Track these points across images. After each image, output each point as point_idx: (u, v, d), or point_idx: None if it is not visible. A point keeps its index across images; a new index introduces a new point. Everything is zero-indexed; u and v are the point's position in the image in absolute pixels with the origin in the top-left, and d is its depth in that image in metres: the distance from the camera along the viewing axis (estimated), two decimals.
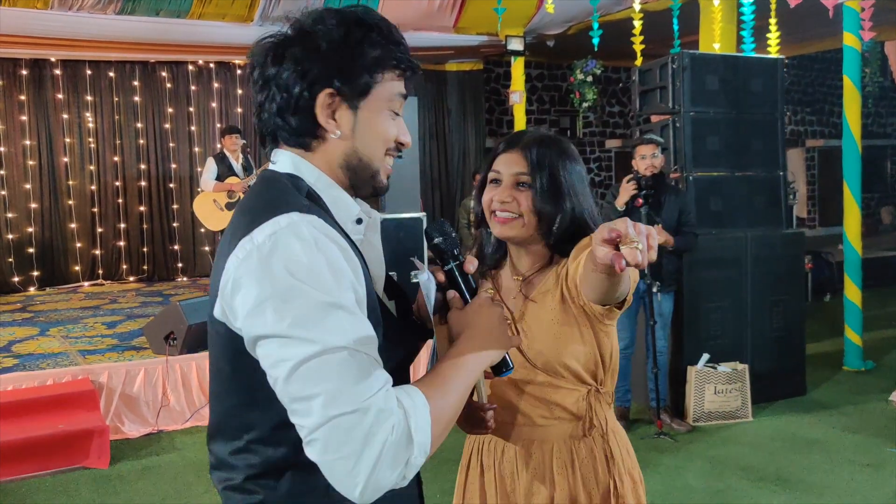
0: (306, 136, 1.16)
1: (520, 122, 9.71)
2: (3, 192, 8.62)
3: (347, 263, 1.06)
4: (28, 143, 8.71)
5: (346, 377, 0.98)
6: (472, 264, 1.26)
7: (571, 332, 1.56)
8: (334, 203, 1.17)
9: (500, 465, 1.63)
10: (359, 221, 1.21)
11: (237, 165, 7.40)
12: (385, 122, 1.18)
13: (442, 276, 1.28)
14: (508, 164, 1.60)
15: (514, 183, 1.59)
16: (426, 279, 1.25)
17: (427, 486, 1.37)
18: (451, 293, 1.25)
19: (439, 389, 1.09)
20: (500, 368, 1.27)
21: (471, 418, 1.51)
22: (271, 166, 1.20)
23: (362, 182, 1.19)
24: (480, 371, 1.18)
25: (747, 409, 4.92)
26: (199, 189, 7.56)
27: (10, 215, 8.63)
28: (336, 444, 0.96)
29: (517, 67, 9.56)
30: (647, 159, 4.63)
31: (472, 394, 1.55)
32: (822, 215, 15.04)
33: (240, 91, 9.70)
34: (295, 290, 0.99)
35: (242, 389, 1.12)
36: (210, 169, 7.35)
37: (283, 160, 1.18)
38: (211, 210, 7.26)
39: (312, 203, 1.12)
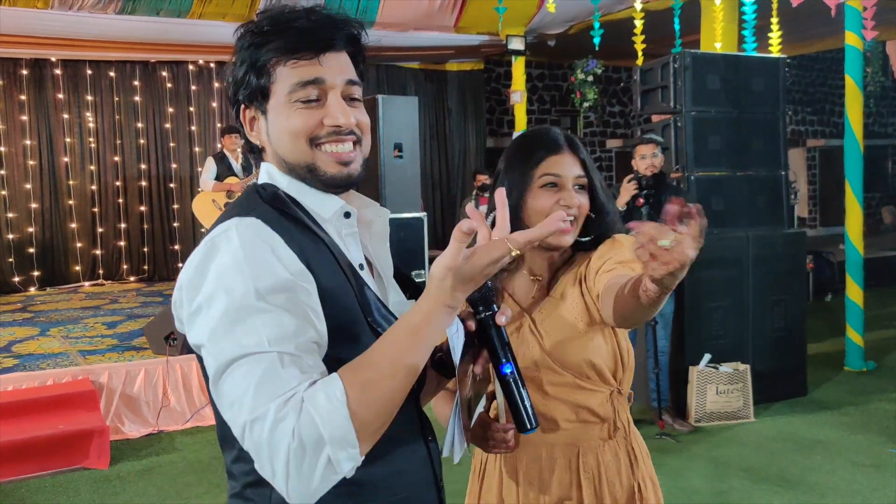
0: (257, 150, 1.19)
1: (520, 122, 9.70)
2: (3, 192, 8.61)
3: (284, 266, 1.02)
4: (29, 142, 8.71)
5: (249, 384, 0.96)
6: (504, 315, 1.14)
7: (595, 330, 1.54)
8: (308, 204, 1.15)
9: (524, 472, 1.58)
10: (347, 215, 1.18)
11: (237, 165, 7.39)
12: (289, 117, 1.12)
13: (472, 326, 1.16)
14: (568, 167, 1.54)
15: (576, 185, 1.55)
16: (454, 331, 1.15)
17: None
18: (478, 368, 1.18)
19: (364, 378, 0.98)
20: (523, 425, 1.16)
21: (490, 438, 1.46)
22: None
23: (308, 179, 1.14)
24: (421, 338, 1.00)
25: (749, 409, 4.91)
26: (199, 189, 7.55)
27: (10, 215, 8.63)
28: (255, 453, 0.96)
29: (518, 67, 9.56)
30: (647, 159, 4.63)
31: (491, 412, 1.52)
32: (823, 215, 15.04)
33: None
34: (216, 298, 1.00)
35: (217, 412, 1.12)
36: (209, 169, 7.34)
37: (262, 171, 1.20)
38: (210, 210, 7.25)
39: (276, 205, 1.11)
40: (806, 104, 14.62)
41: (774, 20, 6.63)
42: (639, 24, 6.89)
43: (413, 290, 1.28)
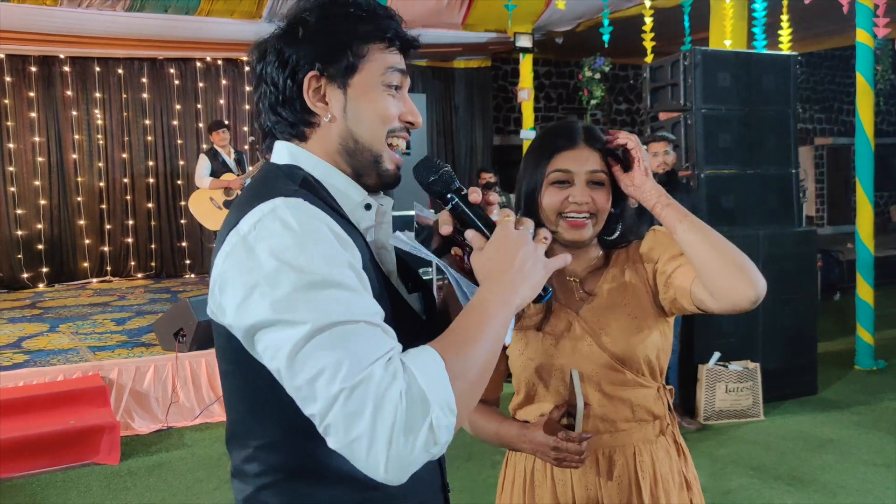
0: (300, 125, 1.12)
1: (527, 120, 9.69)
2: (12, 189, 8.64)
3: (340, 245, 1.00)
4: (37, 139, 8.74)
5: (344, 351, 0.91)
6: (476, 193, 1.10)
7: (649, 325, 1.52)
8: (335, 190, 1.12)
9: (579, 478, 1.53)
10: (367, 207, 1.14)
11: (230, 160, 7.37)
12: (380, 98, 1.11)
13: (448, 226, 1.12)
14: (581, 162, 1.49)
15: (589, 181, 1.49)
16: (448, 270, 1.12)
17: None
18: (470, 233, 1.09)
19: (457, 343, 0.97)
20: (538, 297, 1.10)
21: (563, 450, 1.44)
22: (271, 159, 1.17)
23: (364, 167, 1.12)
24: (511, 315, 1.03)
25: (759, 407, 4.90)
26: (196, 187, 7.55)
27: (19, 211, 8.66)
28: (346, 425, 0.89)
29: (525, 65, 9.55)
30: (659, 157, 4.62)
31: (565, 421, 1.50)
32: (831, 214, 14.99)
33: (248, 88, 9.69)
34: (282, 274, 0.94)
35: (246, 391, 1.07)
36: (203, 165, 7.32)
37: (281, 151, 1.15)
38: (208, 208, 7.23)
39: (307, 189, 1.06)
40: (814, 102, 14.58)
41: (785, 17, 6.60)
42: (648, 21, 6.87)
43: (415, 282, 1.24)
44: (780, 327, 5.23)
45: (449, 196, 1.12)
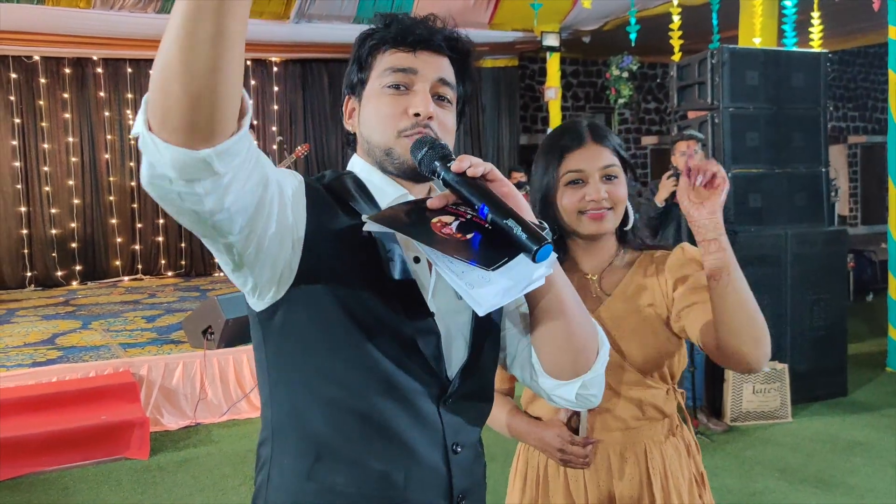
0: (351, 139, 1.26)
1: (555, 119, 9.67)
2: (47, 188, 8.82)
3: (322, 214, 1.07)
4: (71, 140, 8.91)
5: None
6: (459, 161, 1.03)
7: (661, 329, 1.54)
8: (374, 186, 1.18)
9: (592, 474, 1.56)
10: None
11: None
12: (379, 101, 1.16)
13: (440, 200, 1.04)
14: (592, 160, 1.52)
15: (603, 177, 1.53)
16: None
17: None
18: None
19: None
20: (530, 249, 0.97)
21: (569, 452, 1.48)
22: None
23: (385, 164, 1.16)
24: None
25: (786, 409, 4.84)
26: None
27: (53, 210, 8.84)
28: None
29: (552, 64, 9.52)
30: (686, 155, 4.58)
31: (571, 424, 1.52)
32: (865, 213, 14.74)
33: (276, 88, 9.79)
34: None
35: (259, 362, 1.17)
36: None
37: (350, 162, 1.27)
38: None
39: (337, 185, 1.16)
40: (847, 100, 14.35)
41: (815, 14, 6.51)
42: (676, 19, 6.81)
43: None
44: (809, 328, 5.17)
45: (437, 169, 1.06)
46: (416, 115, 1.13)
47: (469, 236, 1.00)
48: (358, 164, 1.22)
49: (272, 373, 1.13)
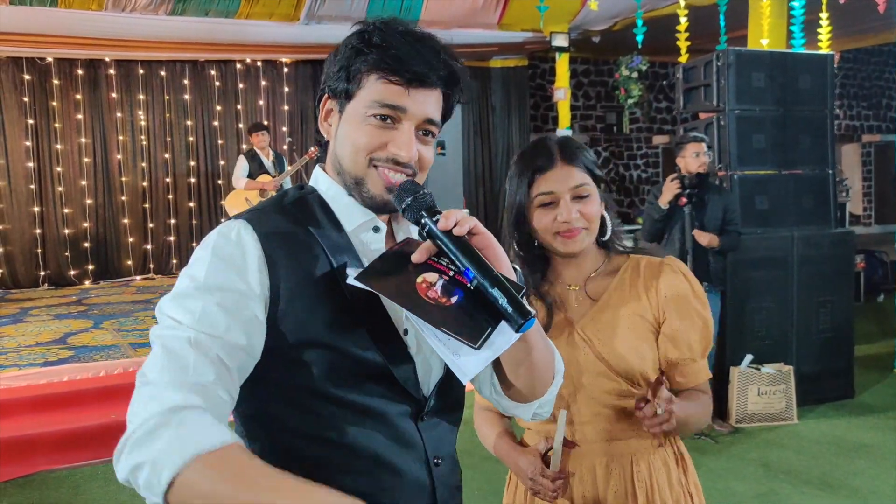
0: (324, 141, 1.21)
1: (564, 119, 9.66)
2: (60, 189, 8.91)
3: (265, 277, 1.04)
4: (84, 140, 8.99)
5: (155, 355, 0.99)
6: (446, 219, 1.04)
7: (646, 338, 1.55)
8: (340, 210, 1.16)
9: (578, 484, 1.56)
10: (376, 230, 1.16)
11: (268, 162, 7.49)
12: (360, 127, 1.12)
13: (422, 253, 1.06)
14: (562, 181, 1.51)
15: (574, 197, 1.52)
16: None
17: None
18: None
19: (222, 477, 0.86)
20: (516, 320, 1.01)
21: (539, 485, 1.49)
22: None
23: (351, 188, 1.15)
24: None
25: (792, 411, 4.84)
26: (232, 187, 7.69)
27: (66, 210, 8.93)
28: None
29: (562, 64, 9.51)
30: (700, 157, 4.57)
31: (546, 456, 1.53)
32: (878, 212, 14.63)
33: (286, 89, 9.85)
34: (182, 274, 1.06)
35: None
36: (241, 167, 7.45)
37: (313, 175, 1.23)
38: (242, 208, 7.35)
39: (296, 210, 1.13)
40: (861, 99, 14.24)
41: (824, 15, 6.48)
42: (683, 20, 6.80)
43: None
44: (816, 330, 5.16)
45: (423, 221, 1.06)
46: (396, 158, 1.11)
47: (454, 300, 1.03)
48: (323, 182, 1.19)
49: (245, 409, 1.11)
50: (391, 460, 1.11)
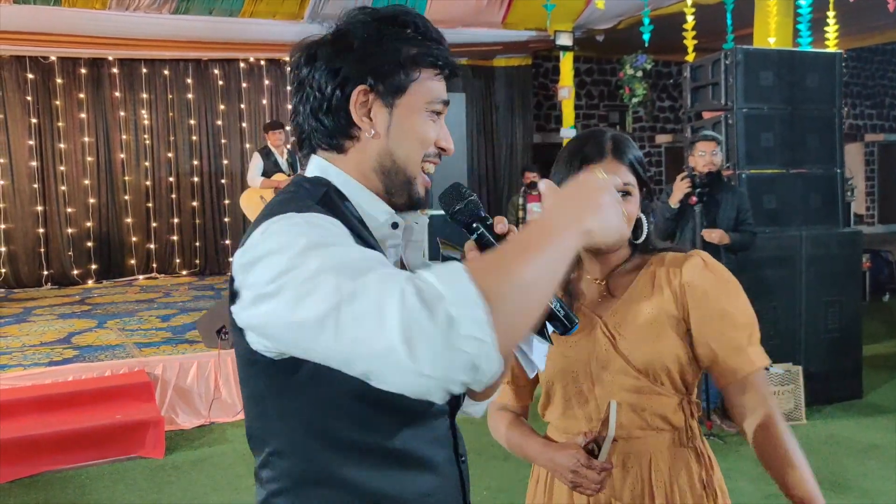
0: (340, 136, 1.11)
1: (568, 118, 9.64)
2: (63, 188, 8.89)
3: (357, 239, 1.02)
4: (87, 139, 8.98)
5: (341, 275, 0.87)
6: (502, 224, 1.07)
7: (669, 334, 1.51)
8: (361, 206, 1.11)
9: None
10: (394, 226, 1.14)
11: (283, 161, 7.47)
12: (423, 123, 1.11)
13: (476, 253, 1.09)
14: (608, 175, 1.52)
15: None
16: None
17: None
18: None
19: (500, 259, 0.89)
20: (565, 324, 1.12)
21: (582, 476, 1.45)
22: (306, 171, 1.17)
23: (397, 187, 1.12)
24: (576, 240, 0.93)
25: (800, 411, 4.82)
26: (248, 185, 7.70)
27: (69, 210, 8.91)
28: (351, 342, 0.84)
29: (566, 62, 9.50)
30: (707, 156, 4.55)
31: (588, 447, 1.49)
32: (882, 212, 14.61)
33: (290, 88, 9.81)
34: (290, 242, 0.93)
35: (257, 398, 1.09)
36: (256, 165, 7.44)
37: (312, 165, 1.15)
38: (258, 206, 7.37)
39: (326, 204, 1.06)
40: (864, 98, 14.22)
41: (831, 13, 6.45)
42: (690, 19, 6.77)
43: None
44: (824, 329, 5.14)
45: (474, 226, 1.08)
46: (444, 150, 1.15)
47: None
48: (336, 175, 1.12)
49: (291, 421, 1.05)
50: (433, 462, 1.12)
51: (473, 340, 0.81)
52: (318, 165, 1.14)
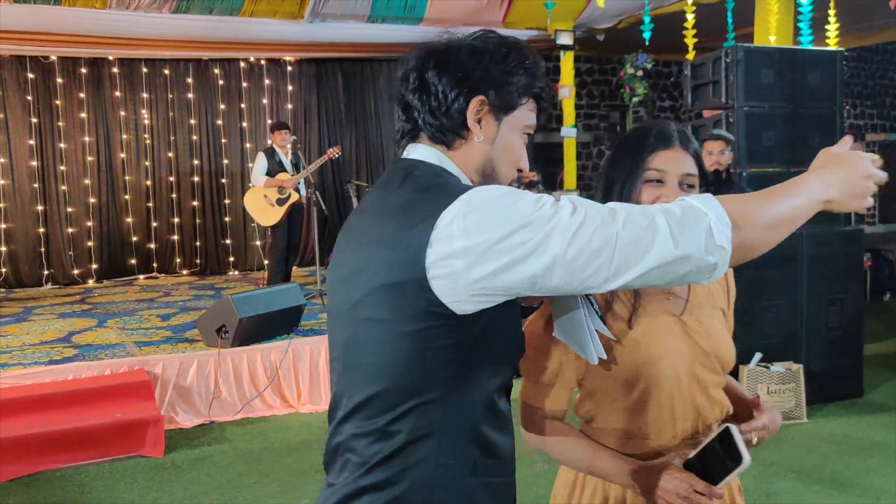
0: (453, 134, 1.26)
1: (569, 117, 9.64)
2: (63, 188, 8.89)
3: None
4: (87, 139, 8.97)
5: (598, 213, 1.10)
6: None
7: (727, 328, 1.60)
8: None
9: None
10: None
11: (287, 161, 7.48)
12: (518, 141, 1.29)
13: None
14: (676, 163, 1.50)
15: (682, 183, 1.51)
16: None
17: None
18: None
19: (753, 197, 1.18)
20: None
21: (685, 497, 1.34)
22: (415, 156, 1.28)
23: None
24: (821, 198, 1.19)
25: (801, 410, 4.81)
26: (250, 184, 7.69)
27: (69, 209, 8.91)
28: (629, 247, 1.08)
29: (566, 62, 9.49)
30: (713, 155, 4.54)
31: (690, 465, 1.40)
32: (883, 211, 14.60)
33: (290, 87, 9.82)
34: (523, 209, 1.10)
35: (427, 352, 1.17)
36: (260, 164, 7.44)
37: (429, 154, 1.27)
38: (262, 206, 7.37)
39: None
40: (865, 97, 14.20)
41: (832, 12, 6.45)
42: (690, 17, 6.77)
43: None
44: (825, 328, 5.13)
45: None
46: (520, 171, 1.32)
47: None
48: (452, 170, 1.27)
49: (446, 373, 1.17)
50: (508, 442, 1.30)
51: (721, 250, 1.09)
52: (434, 155, 1.27)
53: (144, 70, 9.17)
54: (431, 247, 1.11)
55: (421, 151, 1.27)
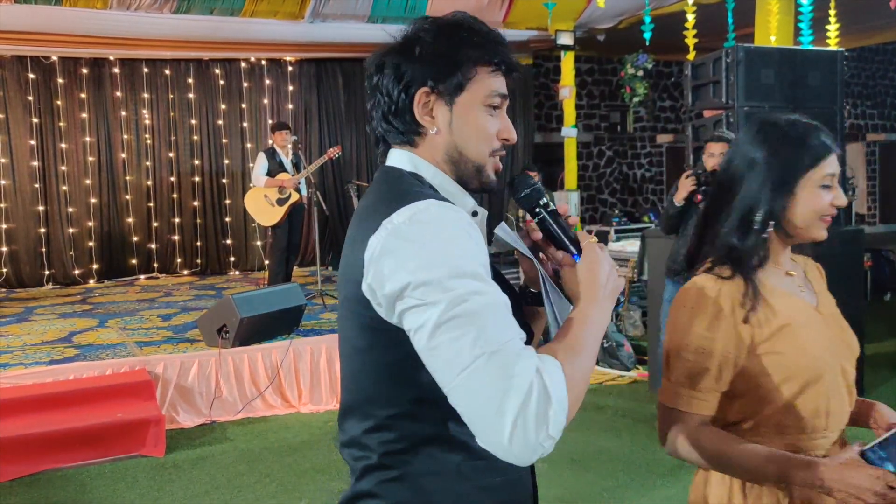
0: (410, 133, 1.24)
1: (569, 118, 9.64)
2: (64, 188, 8.89)
3: (476, 245, 1.13)
4: (88, 139, 8.98)
5: (483, 326, 1.03)
6: (564, 206, 1.26)
7: None
8: (452, 197, 1.23)
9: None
10: (474, 214, 1.26)
11: (287, 161, 7.48)
12: (481, 117, 1.23)
13: (538, 233, 1.27)
14: (837, 167, 1.53)
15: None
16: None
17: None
18: (560, 254, 1.24)
19: (571, 352, 1.10)
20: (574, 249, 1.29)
21: (887, 497, 1.28)
22: (389, 163, 1.27)
23: (468, 176, 1.25)
24: (604, 329, 1.18)
25: None
26: (251, 184, 7.70)
27: (70, 209, 8.91)
28: (478, 386, 1.01)
29: (567, 62, 9.49)
30: (716, 157, 4.54)
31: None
32: (883, 211, 14.60)
33: (291, 87, 9.83)
34: (435, 262, 1.06)
35: (386, 364, 1.17)
36: (261, 164, 7.45)
37: (401, 158, 1.26)
38: (262, 206, 7.37)
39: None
40: (866, 97, 14.20)
41: (832, 12, 6.45)
42: (691, 17, 6.77)
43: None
44: None
45: (537, 210, 1.24)
46: (508, 140, 1.26)
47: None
48: (427, 170, 1.25)
49: (407, 384, 1.16)
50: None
51: (552, 440, 1.02)
52: (409, 160, 1.26)
53: (145, 70, 9.18)
54: (366, 266, 1.13)
55: (394, 157, 1.27)
